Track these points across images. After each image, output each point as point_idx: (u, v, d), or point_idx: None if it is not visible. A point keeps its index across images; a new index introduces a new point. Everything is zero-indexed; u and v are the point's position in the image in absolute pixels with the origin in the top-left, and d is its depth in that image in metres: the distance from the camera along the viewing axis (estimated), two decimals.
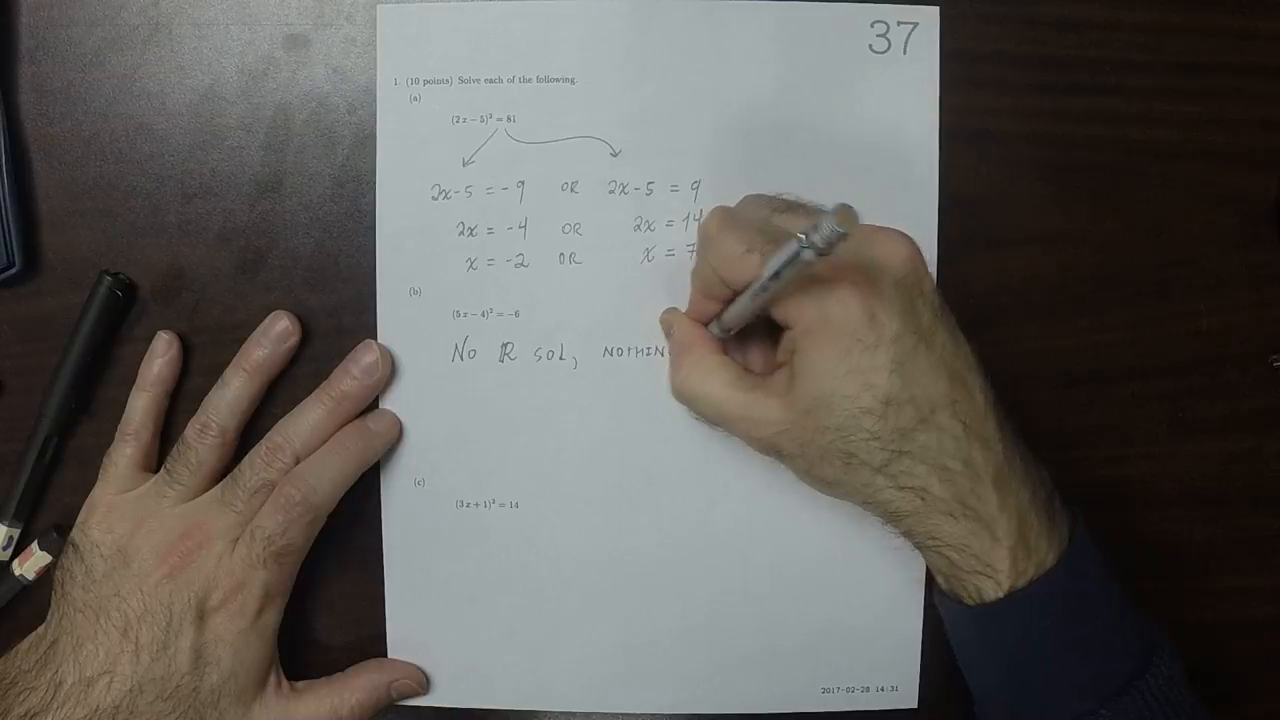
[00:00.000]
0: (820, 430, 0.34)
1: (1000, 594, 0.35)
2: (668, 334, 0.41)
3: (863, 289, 0.33)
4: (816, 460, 0.35)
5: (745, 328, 0.38)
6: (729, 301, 0.37)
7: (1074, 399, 0.43)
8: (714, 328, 0.39)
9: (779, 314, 0.35)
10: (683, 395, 0.39)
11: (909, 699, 0.43)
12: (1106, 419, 0.43)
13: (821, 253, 0.29)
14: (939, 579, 0.38)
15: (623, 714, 0.44)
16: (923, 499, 0.35)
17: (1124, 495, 0.44)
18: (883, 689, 0.43)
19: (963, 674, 0.39)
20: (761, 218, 0.36)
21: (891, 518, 0.36)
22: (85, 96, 0.41)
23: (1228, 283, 0.43)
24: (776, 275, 0.32)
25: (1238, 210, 0.43)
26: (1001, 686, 0.37)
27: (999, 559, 0.35)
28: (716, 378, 0.37)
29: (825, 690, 0.43)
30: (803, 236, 0.29)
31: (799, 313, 0.34)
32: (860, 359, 0.33)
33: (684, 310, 0.41)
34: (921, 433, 0.34)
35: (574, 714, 0.44)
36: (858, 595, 0.43)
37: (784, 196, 0.38)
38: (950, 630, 0.39)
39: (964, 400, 0.35)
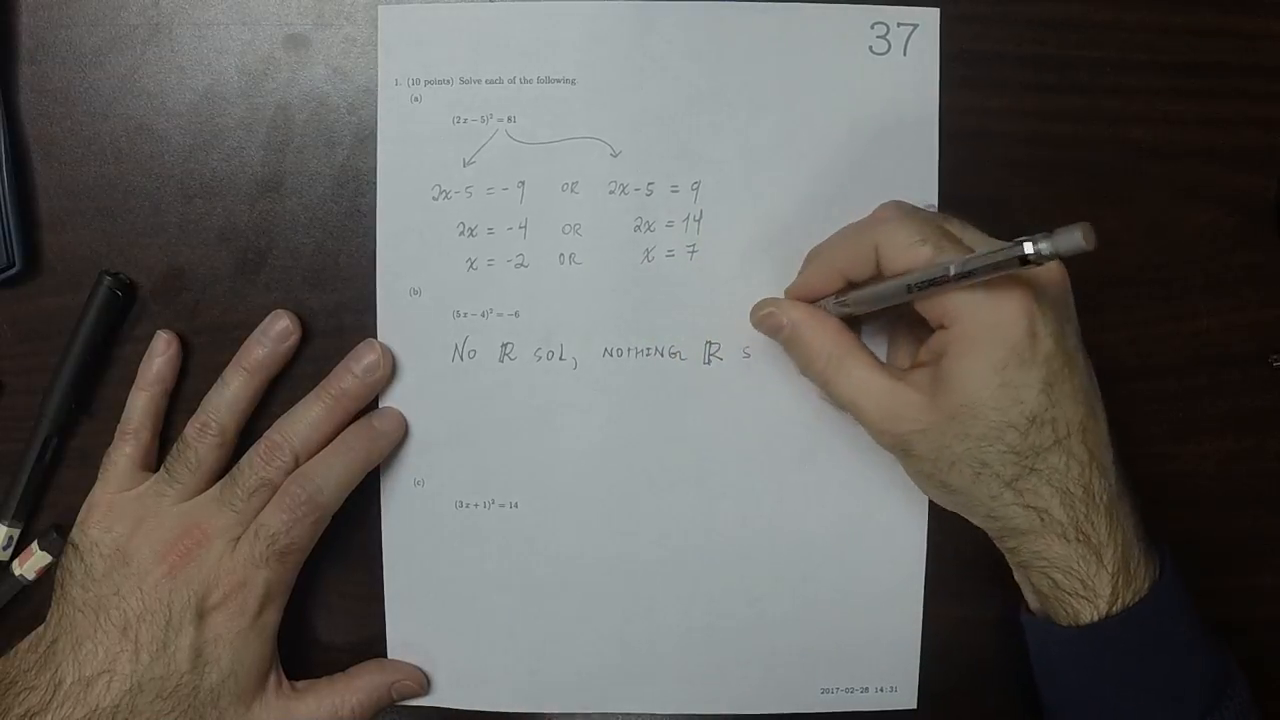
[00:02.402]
0: (961, 437, 0.34)
1: (1097, 617, 0.35)
2: (774, 323, 0.39)
3: (1028, 304, 0.33)
4: (947, 466, 0.35)
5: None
6: (853, 285, 0.37)
7: None
8: (830, 305, 0.38)
9: (934, 313, 0.35)
10: (827, 373, 0.37)
11: (909, 699, 0.43)
12: (1107, 419, 0.43)
13: (1036, 263, 0.29)
14: (1031, 598, 0.38)
15: (623, 714, 0.44)
16: (1042, 520, 0.35)
17: None
18: (882, 689, 0.43)
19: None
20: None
21: (1006, 534, 0.36)
22: (85, 96, 0.41)
23: (1228, 283, 0.43)
24: (967, 275, 0.31)
25: (1238, 210, 0.43)
26: (1080, 706, 0.38)
27: (1102, 584, 0.35)
28: (860, 359, 0.37)
29: (825, 690, 0.43)
30: (1031, 246, 0.29)
31: (958, 315, 0.34)
32: (1016, 374, 0.33)
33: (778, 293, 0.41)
34: (1054, 454, 0.34)
35: (574, 714, 0.44)
36: (858, 596, 0.43)
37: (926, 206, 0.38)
38: (1034, 648, 0.39)
39: (1093, 428, 0.35)
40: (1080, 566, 0.35)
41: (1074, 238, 0.28)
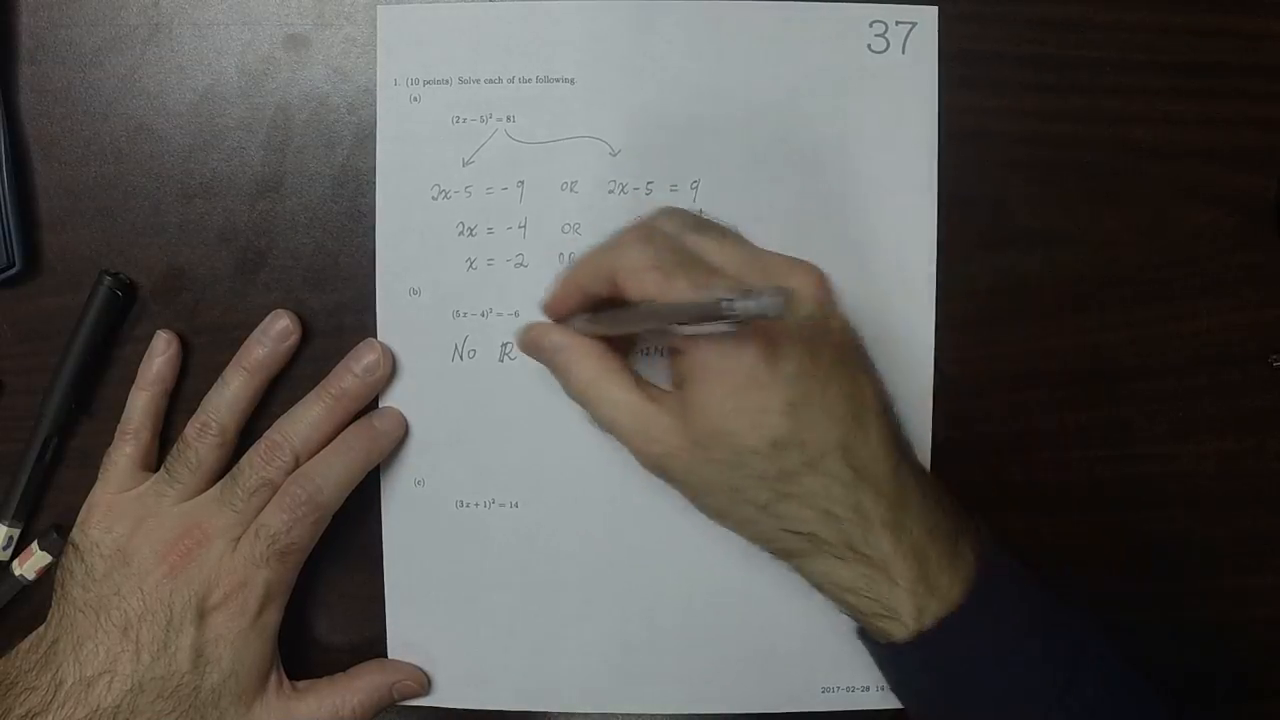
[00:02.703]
0: (708, 462, 0.34)
1: (906, 635, 0.34)
2: (536, 348, 0.38)
3: (762, 327, 0.31)
4: (703, 490, 0.35)
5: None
6: (600, 303, 0.36)
7: (1074, 399, 0.43)
8: (577, 324, 0.37)
9: (673, 340, 0.34)
10: (586, 395, 0.36)
11: None
12: (1107, 419, 0.43)
13: (741, 321, 0.28)
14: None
15: (623, 714, 0.44)
16: (810, 541, 0.34)
17: (1124, 495, 0.43)
18: (883, 688, 0.43)
19: None
20: (674, 233, 0.35)
21: (780, 556, 0.36)
22: (85, 96, 0.41)
23: (1228, 283, 0.43)
24: (677, 319, 0.30)
25: (1238, 210, 0.43)
26: (933, 713, 0.37)
27: (899, 601, 0.34)
28: (619, 380, 0.35)
29: (825, 690, 0.43)
30: (729, 304, 0.27)
31: (693, 340, 0.33)
32: (752, 398, 0.32)
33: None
34: (807, 477, 0.33)
35: (574, 714, 0.44)
36: None
37: (698, 214, 0.37)
38: (875, 661, 0.38)
39: (858, 445, 0.34)
40: (869, 586, 0.34)
41: (771, 303, 0.26)
